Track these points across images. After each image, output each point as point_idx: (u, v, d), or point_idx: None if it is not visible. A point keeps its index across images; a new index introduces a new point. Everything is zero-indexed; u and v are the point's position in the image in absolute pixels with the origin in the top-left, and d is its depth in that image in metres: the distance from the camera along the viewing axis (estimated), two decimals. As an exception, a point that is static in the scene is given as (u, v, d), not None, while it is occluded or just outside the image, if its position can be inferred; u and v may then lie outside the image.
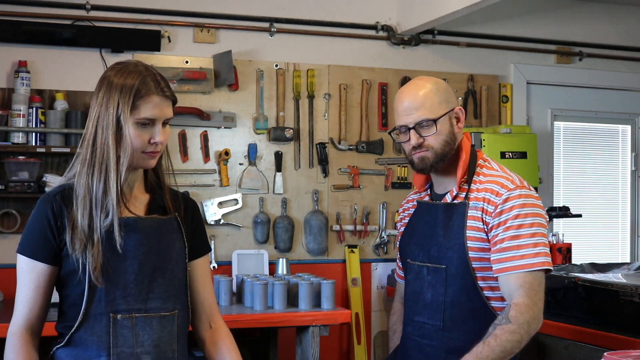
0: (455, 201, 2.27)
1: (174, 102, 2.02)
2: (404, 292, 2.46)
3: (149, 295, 1.97)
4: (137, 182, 2.05)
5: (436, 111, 2.23)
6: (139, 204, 2.03)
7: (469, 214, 2.22)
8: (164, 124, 1.98)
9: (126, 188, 2.01)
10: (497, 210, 2.18)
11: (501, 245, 2.16)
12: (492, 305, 2.21)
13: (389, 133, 2.46)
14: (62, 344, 1.97)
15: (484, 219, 2.20)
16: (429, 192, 2.41)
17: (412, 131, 2.24)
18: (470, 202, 2.23)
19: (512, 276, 2.14)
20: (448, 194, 2.31)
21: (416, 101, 2.24)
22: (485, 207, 2.21)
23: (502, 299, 2.21)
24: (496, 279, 2.19)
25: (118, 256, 1.94)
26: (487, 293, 2.21)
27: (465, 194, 2.25)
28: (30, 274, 1.95)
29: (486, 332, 2.15)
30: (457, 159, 2.29)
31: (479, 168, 2.28)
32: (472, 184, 2.26)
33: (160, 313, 1.98)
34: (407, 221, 2.46)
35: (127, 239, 1.95)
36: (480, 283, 2.21)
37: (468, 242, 2.21)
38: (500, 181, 2.22)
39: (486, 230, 2.20)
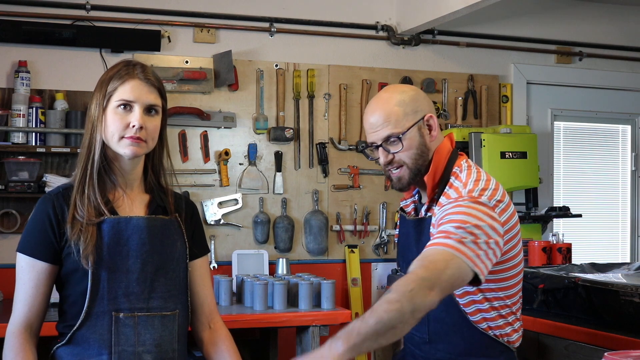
0: (427, 214, 2.17)
1: (160, 90, 2.04)
2: None
3: (151, 295, 1.98)
4: (136, 182, 2.05)
5: (402, 125, 2.11)
6: (138, 203, 2.04)
7: (430, 231, 2.11)
8: (150, 111, 1.99)
9: (124, 186, 2.02)
10: (437, 219, 2.05)
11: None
12: (472, 319, 2.13)
13: (363, 151, 2.37)
14: (63, 342, 1.97)
15: (433, 232, 2.08)
16: (415, 199, 2.32)
17: (380, 149, 2.14)
18: (434, 218, 2.11)
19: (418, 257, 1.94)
20: (424, 206, 2.21)
21: (380, 117, 2.12)
22: (434, 221, 2.10)
23: (478, 311, 2.14)
24: (469, 293, 2.11)
25: (121, 254, 1.95)
26: (465, 309, 2.14)
27: (435, 206, 2.13)
28: (30, 273, 1.95)
29: (471, 346, 2.13)
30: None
31: (452, 177, 2.14)
32: (442, 197, 2.12)
33: (162, 312, 1.99)
34: (399, 224, 2.43)
35: (131, 237, 1.96)
36: (457, 299, 2.13)
37: None
38: (450, 192, 2.09)
39: None
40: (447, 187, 2.12)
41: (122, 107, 1.95)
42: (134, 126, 1.94)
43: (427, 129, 2.16)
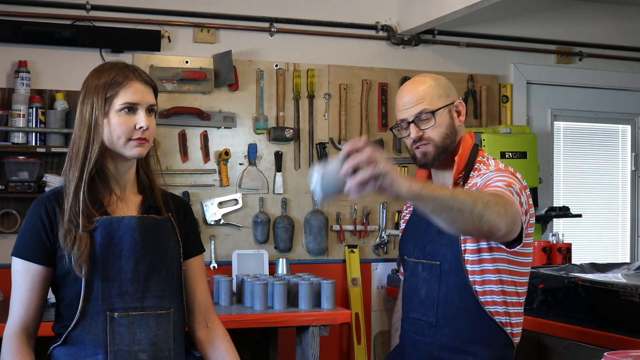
0: None
1: (155, 90, 2.05)
2: (402, 288, 2.47)
3: (145, 294, 1.99)
4: (129, 182, 2.07)
5: (435, 103, 2.27)
6: (131, 204, 2.05)
7: None
8: (150, 112, 2.00)
9: (117, 188, 2.03)
10: (479, 186, 2.17)
11: None
12: (482, 300, 2.20)
13: (391, 129, 2.49)
14: (59, 343, 1.98)
15: None
16: None
17: (411, 125, 2.28)
18: None
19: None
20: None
21: (415, 95, 2.28)
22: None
23: (491, 293, 2.20)
24: (487, 272, 2.18)
25: (114, 254, 1.96)
26: (477, 288, 2.21)
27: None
28: (25, 276, 1.96)
29: (476, 331, 2.17)
30: (456, 155, 2.29)
31: (477, 164, 2.28)
32: (468, 180, 2.25)
33: (157, 311, 2.00)
34: (407, 218, 2.47)
35: (123, 237, 1.97)
36: (472, 278, 2.20)
37: (462, 236, 2.20)
38: (487, 173, 2.22)
39: None
40: (474, 172, 2.25)
41: (126, 110, 1.96)
42: (141, 127, 1.96)
43: (456, 114, 2.31)
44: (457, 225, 1.83)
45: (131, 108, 1.97)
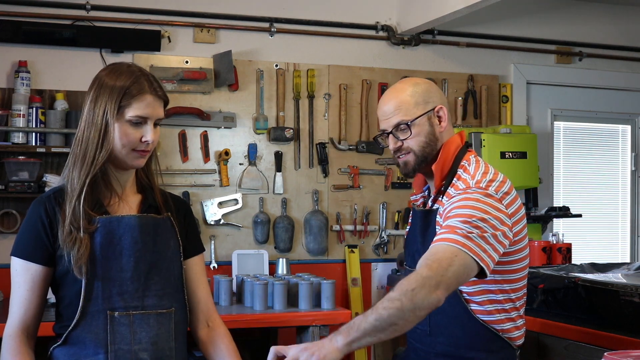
0: (434, 206, 2.22)
1: (166, 103, 2.05)
2: None
3: (146, 293, 1.99)
4: (129, 182, 2.07)
5: (412, 113, 2.20)
6: (131, 203, 2.06)
7: (437, 220, 2.17)
8: (155, 124, 2.00)
9: (117, 187, 2.03)
10: (445, 211, 2.11)
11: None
12: (472, 308, 2.16)
13: (374, 139, 2.44)
14: (59, 343, 1.98)
15: (440, 222, 2.13)
16: (425, 194, 2.37)
17: (390, 135, 2.24)
18: (441, 207, 2.16)
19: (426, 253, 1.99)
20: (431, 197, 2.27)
21: (392, 105, 2.23)
22: (441, 212, 2.15)
23: (481, 302, 2.16)
24: (473, 283, 2.14)
25: (114, 253, 1.96)
26: (467, 297, 2.17)
27: (442, 198, 2.19)
28: (24, 276, 1.96)
29: (471, 338, 2.15)
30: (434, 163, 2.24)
31: (459, 170, 2.20)
32: (450, 188, 2.18)
33: (157, 310, 2.00)
34: (410, 221, 2.47)
35: (123, 236, 1.97)
36: (464, 287, 2.16)
37: None
38: (459, 184, 2.15)
39: None
40: (455, 179, 2.18)
41: (135, 122, 1.96)
42: (146, 141, 1.97)
43: (437, 120, 2.24)
44: (399, 333, 1.84)
45: (140, 121, 1.97)
